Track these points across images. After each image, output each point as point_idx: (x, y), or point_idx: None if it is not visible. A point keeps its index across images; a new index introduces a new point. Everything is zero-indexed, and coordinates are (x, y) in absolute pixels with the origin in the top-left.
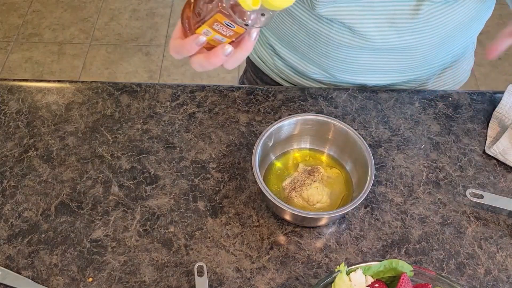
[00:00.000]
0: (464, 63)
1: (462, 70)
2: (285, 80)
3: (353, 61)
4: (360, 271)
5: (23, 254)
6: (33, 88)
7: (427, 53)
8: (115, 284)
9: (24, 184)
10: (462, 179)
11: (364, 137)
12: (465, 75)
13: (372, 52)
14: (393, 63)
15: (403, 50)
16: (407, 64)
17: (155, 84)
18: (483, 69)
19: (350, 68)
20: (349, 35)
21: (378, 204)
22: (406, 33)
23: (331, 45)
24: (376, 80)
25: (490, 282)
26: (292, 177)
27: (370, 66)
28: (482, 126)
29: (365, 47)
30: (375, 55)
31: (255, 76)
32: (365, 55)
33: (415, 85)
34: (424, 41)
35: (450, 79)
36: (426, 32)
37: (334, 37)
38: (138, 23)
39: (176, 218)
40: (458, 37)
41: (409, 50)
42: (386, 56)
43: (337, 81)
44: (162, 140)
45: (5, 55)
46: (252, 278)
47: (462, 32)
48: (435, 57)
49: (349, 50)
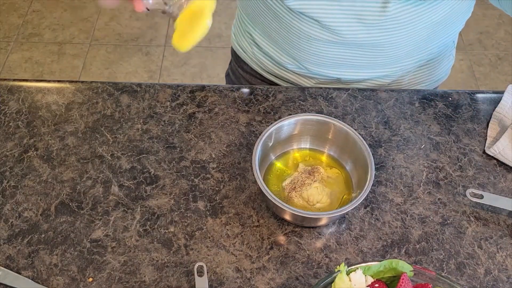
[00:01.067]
0: (442, 62)
1: (441, 69)
2: (264, 70)
3: (324, 55)
4: (360, 271)
5: (23, 254)
6: (33, 88)
7: (399, 51)
8: (115, 284)
9: (24, 184)
10: (462, 179)
11: (364, 137)
12: (444, 73)
13: (342, 47)
14: (364, 58)
15: (373, 46)
16: (379, 60)
17: (155, 84)
18: (483, 69)
19: (321, 61)
20: (318, 28)
21: (378, 204)
22: (375, 30)
23: (302, 37)
24: (349, 75)
25: (490, 282)
26: (292, 177)
27: (341, 60)
28: (482, 126)
29: (334, 41)
30: (345, 50)
31: (237, 65)
32: (335, 49)
33: (389, 81)
34: (394, 38)
35: (426, 76)
36: (395, 30)
37: (305, 29)
38: (138, 23)
39: (176, 218)
40: (432, 36)
41: (379, 46)
42: (356, 52)
43: (311, 74)
44: (162, 140)
45: (5, 55)
46: (252, 278)
47: (437, 31)
48: (408, 55)
49: (319, 43)
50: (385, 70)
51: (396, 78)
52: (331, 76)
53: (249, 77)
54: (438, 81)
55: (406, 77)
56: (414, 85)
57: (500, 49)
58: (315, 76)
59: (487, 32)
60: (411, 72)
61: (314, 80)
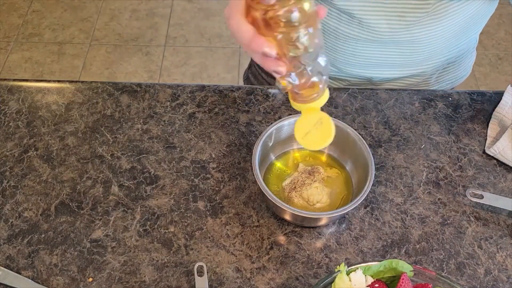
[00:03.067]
0: (466, 58)
1: (465, 65)
2: None
3: (360, 54)
4: (360, 271)
5: (23, 254)
6: (33, 88)
7: (434, 47)
8: (115, 284)
9: (24, 184)
10: (462, 179)
11: (364, 137)
12: (467, 71)
13: (379, 45)
14: (400, 56)
15: (410, 43)
16: (414, 58)
17: (155, 84)
18: (483, 69)
19: (356, 61)
20: (357, 27)
21: (378, 204)
22: (414, 27)
23: (339, 38)
24: (382, 73)
25: (490, 282)
26: (292, 177)
27: (376, 59)
28: (482, 126)
29: (372, 40)
30: (381, 48)
31: (260, 70)
32: (372, 48)
33: (419, 79)
34: (432, 35)
35: (452, 73)
36: (432, 26)
37: (343, 29)
38: (138, 23)
39: (176, 218)
40: (464, 33)
41: (416, 43)
42: (393, 50)
43: (343, 75)
44: (162, 140)
45: (5, 55)
46: (252, 278)
47: (468, 28)
48: (441, 52)
49: (356, 43)
50: (418, 68)
51: (426, 77)
52: (363, 76)
53: (272, 81)
54: (461, 78)
55: (434, 76)
56: (441, 83)
57: (500, 49)
58: (345, 78)
59: (487, 32)
60: (439, 70)
61: (345, 82)
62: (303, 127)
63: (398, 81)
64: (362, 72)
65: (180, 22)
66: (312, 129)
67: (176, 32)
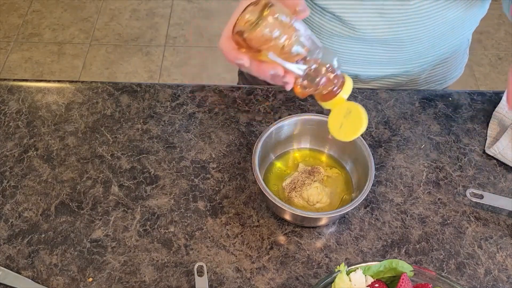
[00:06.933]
0: (457, 59)
1: (455, 66)
2: None
3: (345, 51)
4: (360, 271)
5: (23, 254)
6: (33, 88)
7: (419, 47)
8: (115, 284)
9: (24, 184)
10: (462, 179)
11: (364, 137)
12: (459, 71)
13: (363, 43)
14: (385, 55)
15: (394, 42)
16: (399, 57)
17: (155, 84)
18: (483, 69)
19: (341, 58)
20: (339, 25)
21: (378, 204)
22: (396, 25)
23: (324, 34)
24: (367, 71)
25: (490, 282)
26: (292, 177)
27: (361, 57)
28: (482, 126)
29: (355, 38)
30: (366, 46)
31: None
32: (357, 45)
33: (407, 79)
34: (414, 34)
35: (442, 74)
36: (416, 25)
37: (326, 26)
38: (138, 23)
39: (176, 218)
40: (451, 34)
41: (400, 42)
42: (377, 48)
43: None
44: (162, 140)
45: (5, 55)
46: (252, 278)
47: (456, 29)
48: (427, 52)
49: (340, 40)
50: (404, 67)
51: (414, 76)
52: (350, 73)
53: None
54: (453, 79)
55: (423, 75)
56: (430, 84)
57: (500, 49)
58: None
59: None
60: (428, 70)
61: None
62: (335, 121)
63: (386, 79)
64: (348, 69)
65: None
66: (344, 121)
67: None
